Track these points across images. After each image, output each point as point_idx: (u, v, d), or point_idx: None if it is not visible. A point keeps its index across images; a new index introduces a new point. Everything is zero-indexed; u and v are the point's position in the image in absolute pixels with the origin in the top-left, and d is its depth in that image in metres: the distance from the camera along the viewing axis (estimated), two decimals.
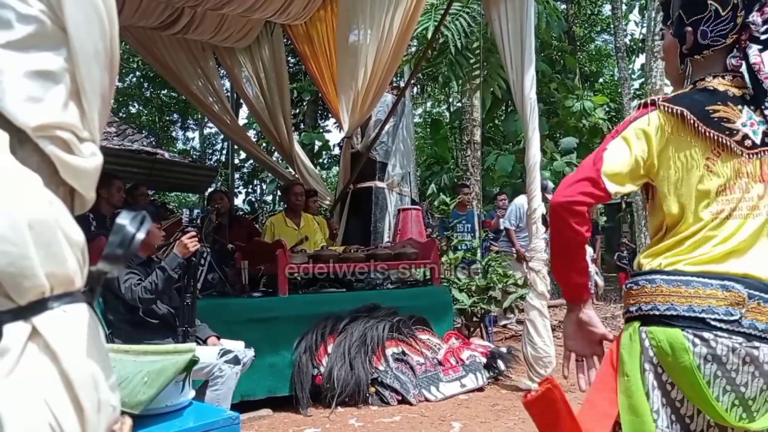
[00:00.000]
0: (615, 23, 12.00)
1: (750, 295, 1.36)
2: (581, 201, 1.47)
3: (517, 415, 4.29)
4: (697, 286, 1.39)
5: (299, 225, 5.78)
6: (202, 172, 12.37)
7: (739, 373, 1.35)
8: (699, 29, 1.49)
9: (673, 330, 1.38)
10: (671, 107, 1.46)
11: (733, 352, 1.35)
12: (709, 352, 1.35)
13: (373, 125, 7.30)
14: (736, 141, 1.43)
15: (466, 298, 6.13)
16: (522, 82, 5.06)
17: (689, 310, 1.38)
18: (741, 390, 1.35)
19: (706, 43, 1.49)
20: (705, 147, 1.44)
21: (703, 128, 1.43)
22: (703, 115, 1.44)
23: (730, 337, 1.35)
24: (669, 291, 1.41)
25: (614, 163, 1.47)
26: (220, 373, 3.43)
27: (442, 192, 11.94)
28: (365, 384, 4.53)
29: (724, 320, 1.36)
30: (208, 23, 6.52)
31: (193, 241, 3.52)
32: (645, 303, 1.44)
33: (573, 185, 1.49)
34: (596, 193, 1.46)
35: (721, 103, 1.45)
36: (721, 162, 1.44)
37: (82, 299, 0.85)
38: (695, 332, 1.37)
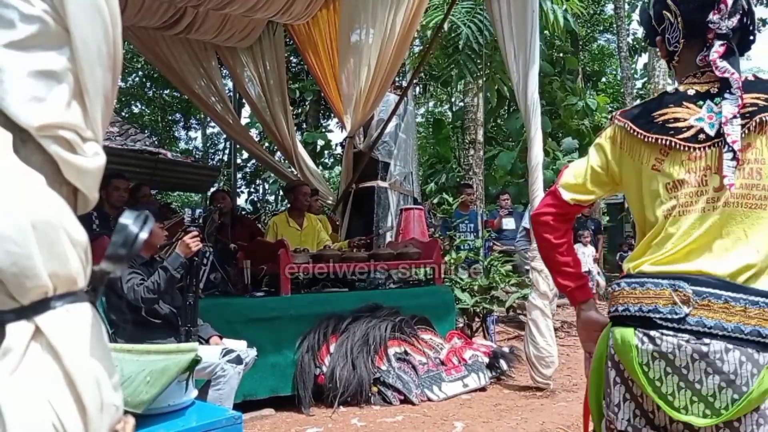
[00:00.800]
0: (618, 23, 11.98)
1: (697, 293, 1.39)
2: (544, 212, 1.72)
3: (519, 415, 4.28)
4: (649, 287, 1.46)
5: (302, 225, 5.78)
6: (205, 172, 12.37)
7: (691, 370, 1.38)
8: (664, 37, 1.61)
9: (627, 329, 1.46)
10: (620, 120, 1.60)
11: (680, 349, 1.38)
12: (655, 350, 1.41)
13: (375, 125, 7.29)
14: (682, 138, 1.48)
15: (469, 297, 6.13)
16: (525, 81, 5.06)
17: (639, 310, 1.46)
18: (696, 387, 1.37)
19: (672, 50, 1.60)
20: (652, 150, 1.52)
21: (643, 134, 1.53)
22: (645, 121, 1.54)
23: (676, 334, 1.39)
24: (627, 293, 1.50)
25: (570, 175, 1.71)
26: (222, 372, 3.43)
27: (444, 191, 11.94)
28: (368, 384, 4.53)
29: (668, 318, 1.40)
30: (211, 23, 6.52)
31: (195, 240, 3.53)
32: (612, 305, 1.55)
33: (543, 200, 1.77)
34: (556, 203, 1.71)
35: (674, 104, 1.52)
36: (668, 161, 1.50)
37: (85, 299, 0.85)
38: (643, 331, 1.43)
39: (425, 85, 14.15)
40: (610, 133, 1.64)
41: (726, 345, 1.36)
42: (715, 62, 1.47)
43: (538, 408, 4.47)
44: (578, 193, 1.68)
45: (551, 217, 1.71)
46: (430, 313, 5.40)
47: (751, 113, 1.44)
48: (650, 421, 1.44)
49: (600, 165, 1.65)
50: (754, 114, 1.44)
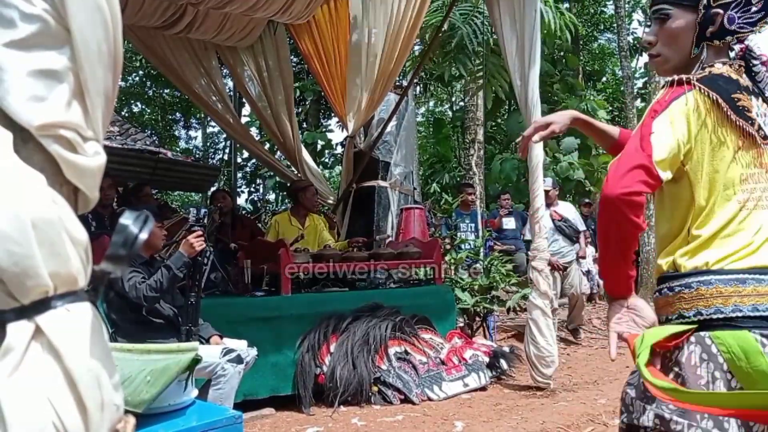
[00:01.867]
0: (618, 22, 11.96)
1: None
2: (640, 191, 1.37)
3: (519, 415, 4.28)
4: (753, 284, 1.34)
5: (304, 225, 5.77)
6: (205, 172, 12.38)
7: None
8: (727, 13, 1.45)
9: (742, 332, 1.31)
10: (707, 90, 1.41)
11: None
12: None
13: (375, 124, 7.29)
14: (755, 130, 1.42)
15: (469, 297, 6.13)
16: (525, 82, 5.06)
17: (753, 309, 1.32)
18: None
19: (732, 29, 1.46)
20: (734, 134, 1.41)
21: (734, 116, 1.40)
22: (731, 102, 1.40)
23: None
24: (728, 291, 1.34)
25: (663, 148, 1.39)
26: (222, 372, 3.43)
27: (445, 191, 11.94)
28: (368, 383, 4.53)
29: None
30: (211, 22, 6.51)
31: (199, 240, 3.53)
32: (704, 307, 1.37)
33: (627, 175, 1.38)
34: (651, 182, 1.38)
35: (740, 91, 1.43)
36: (744, 151, 1.42)
37: (86, 298, 0.85)
38: (762, 332, 1.31)
39: (425, 84, 14.14)
40: (692, 103, 1.41)
41: None
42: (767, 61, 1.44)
43: (539, 408, 4.47)
44: (665, 171, 1.40)
45: (644, 199, 1.39)
46: (431, 312, 5.40)
47: None
48: (749, 428, 1.33)
49: (684, 140, 1.40)
50: None
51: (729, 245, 1.38)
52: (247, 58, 7.49)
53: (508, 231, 8.37)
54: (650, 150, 1.38)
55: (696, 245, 1.42)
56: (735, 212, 1.40)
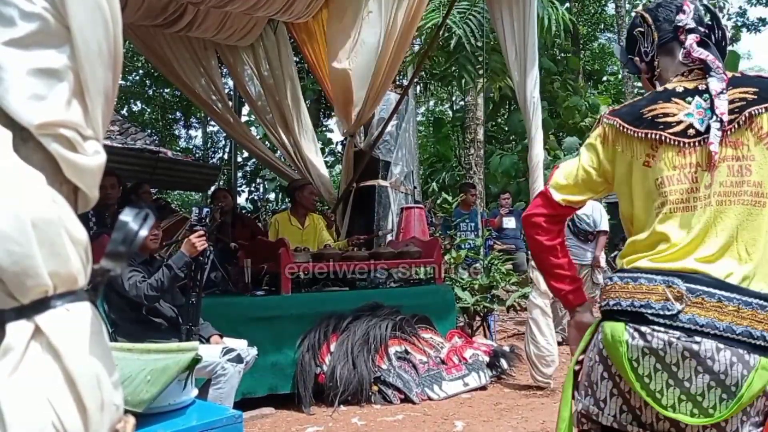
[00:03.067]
0: (619, 21, 11.97)
1: (691, 290, 1.38)
2: (535, 213, 1.69)
3: (519, 414, 4.28)
4: (642, 282, 1.44)
5: (304, 225, 5.77)
6: (205, 171, 12.37)
7: (680, 368, 1.36)
8: (641, 53, 1.66)
9: (618, 323, 1.44)
10: (609, 118, 1.59)
11: (670, 345, 1.37)
12: (646, 345, 1.39)
13: (375, 123, 7.28)
14: (672, 132, 1.47)
15: (469, 296, 6.13)
16: (525, 81, 5.05)
17: (631, 305, 1.44)
18: (685, 385, 1.36)
19: (650, 59, 1.65)
20: (644, 146, 1.52)
21: (633, 130, 1.53)
22: (635, 117, 1.54)
23: (667, 331, 1.37)
24: (619, 287, 1.48)
25: (561, 176, 1.67)
26: (222, 371, 3.42)
27: (444, 191, 11.94)
28: (368, 383, 4.53)
29: (660, 314, 1.39)
30: (211, 21, 6.51)
31: (201, 240, 3.52)
32: (603, 299, 1.53)
33: (533, 201, 1.74)
34: (547, 204, 1.67)
35: (663, 100, 1.52)
36: (659, 157, 1.49)
37: (86, 298, 0.85)
38: (634, 326, 1.42)
39: (426, 84, 14.14)
40: (600, 133, 1.62)
41: (717, 344, 1.35)
42: (693, 46, 1.52)
43: (539, 407, 4.47)
44: (569, 194, 1.65)
45: (543, 219, 1.67)
46: (431, 312, 5.40)
47: (740, 108, 1.44)
48: (637, 417, 1.43)
49: (591, 165, 1.63)
50: (743, 108, 1.44)
51: (646, 249, 1.50)
52: (248, 56, 7.48)
53: (508, 230, 8.36)
54: (551, 179, 1.70)
55: (626, 249, 1.58)
56: (653, 218, 1.50)
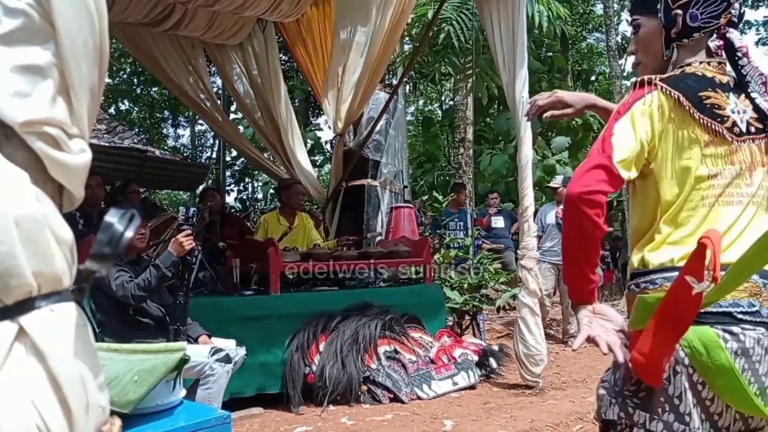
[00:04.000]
0: (607, 22, 12.03)
1: (765, 284, 1.36)
2: (599, 190, 1.40)
3: (508, 413, 4.29)
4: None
5: (293, 224, 5.75)
6: (194, 170, 12.33)
7: (762, 364, 1.34)
8: (688, 12, 1.48)
9: (704, 328, 1.33)
10: (669, 89, 1.44)
11: (758, 343, 1.33)
12: (739, 347, 1.32)
13: (365, 123, 7.27)
14: (726, 128, 1.44)
15: (458, 296, 6.13)
16: (514, 81, 5.06)
17: (716, 305, 1.33)
18: (762, 380, 1.34)
19: (697, 26, 1.49)
20: (700, 132, 1.43)
21: (697, 114, 1.42)
22: (697, 100, 1.43)
23: (755, 328, 1.34)
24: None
25: (623, 148, 1.42)
26: (211, 371, 3.41)
27: (434, 190, 11.95)
28: (357, 382, 4.52)
29: (747, 312, 1.34)
30: (200, 20, 6.47)
31: (189, 239, 3.51)
32: None
33: (586, 174, 1.42)
34: (611, 181, 1.41)
35: (711, 89, 1.46)
36: (713, 148, 1.44)
37: (71, 298, 0.84)
38: (724, 327, 1.33)
39: (415, 83, 14.15)
40: (656, 102, 1.45)
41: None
42: (748, 51, 1.45)
43: (528, 406, 4.48)
44: (629, 170, 1.43)
45: (606, 198, 1.41)
46: (420, 311, 5.40)
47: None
48: (714, 423, 1.37)
49: (647, 139, 1.44)
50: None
51: (693, 241, 1.37)
52: (236, 55, 7.45)
53: (497, 230, 8.39)
54: (610, 151, 1.41)
55: (661, 241, 1.45)
56: (700, 209, 1.43)
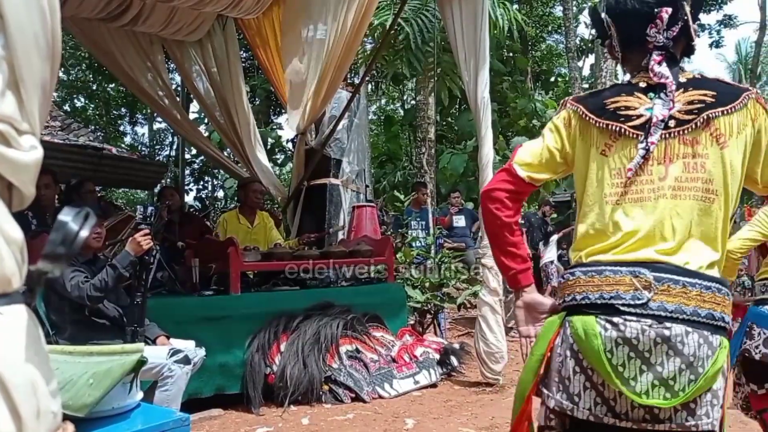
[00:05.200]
0: (566, 24, 12.22)
1: (658, 279, 1.43)
2: (498, 188, 1.67)
3: (469, 411, 4.33)
4: (608, 274, 1.47)
5: (253, 223, 5.70)
6: (152, 168, 12.12)
7: (653, 354, 1.41)
8: (612, 43, 1.68)
9: (588, 317, 1.47)
10: (573, 104, 1.64)
11: (643, 333, 1.41)
12: (620, 336, 1.42)
13: (327, 121, 7.25)
14: (632, 125, 1.53)
15: (420, 294, 6.16)
16: (476, 81, 5.11)
17: (600, 297, 1.47)
18: (657, 370, 1.41)
19: (616, 55, 1.69)
20: (603, 135, 1.57)
21: (594, 120, 1.57)
22: (598, 107, 1.59)
23: (639, 320, 1.42)
24: (585, 281, 1.51)
25: (525, 154, 1.68)
26: (169, 373, 3.35)
27: (396, 189, 11.99)
28: (318, 382, 4.51)
29: (631, 304, 1.43)
30: (157, 15, 6.35)
31: (146, 239, 3.44)
32: (568, 294, 1.55)
33: (495, 176, 1.73)
34: (511, 180, 1.67)
35: (626, 93, 1.58)
36: (617, 147, 1.55)
37: (21, 300, 0.81)
38: (606, 318, 1.44)
39: (377, 82, 14.17)
40: (564, 116, 1.65)
41: (686, 328, 1.41)
42: (653, 69, 1.55)
43: (488, 403, 4.52)
44: (534, 171, 1.67)
45: (505, 194, 1.66)
46: (382, 310, 5.41)
47: (699, 110, 1.51)
48: (611, 408, 1.46)
49: (555, 146, 1.65)
50: (702, 110, 1.51)
51: (603, 239, 1.53)
52: (196, 52, 7.34)
53: (458, 229, 8.45)
54: (513, 156, 1.70)
55: (579, 241, 1.60)
56: (608, 206, 1.54)
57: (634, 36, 1.59)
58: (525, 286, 1.69)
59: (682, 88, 1.55)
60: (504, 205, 1.66)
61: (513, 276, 1.70)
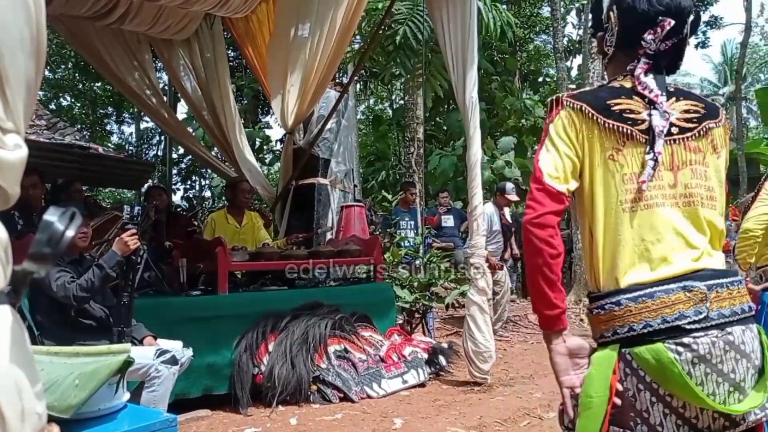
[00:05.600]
0: (554, 24, 12.27)
1: (709, 287, 1.42)
2: (548, 211, 1.48)
3: (457, 410, 4.34)
4: (661, 296, 1.41)
5: (241, 223, 5.68)
6: (139, 168, 12.04)
7: (725, 363, 1.40)
8: (605, 36, 1.63)
9: (655, 345, 1.40)
10: (573, 102, 1.53)
11: (714, 346, 1.39)
12: (694, 356, 1.38)
13: (315, 121, 7.23)
14: (640, 130, 1.49)
15: (408, 294, 6.16)
16: (464, 81, 5.12)
17: (663, 321, 1.40)
18: (731, 377, 1.40)
19: (605, 50, 1.64)
20: (610, 138, 1.49)
21: (602, 120, 1.49)
22: (603, 107, 1.51)
23: (706, 333, 1.39)
24: (637, 309, 1.42)
25: (550, 167, 1.51)
26: (156, 373, 3.33)
27: (384, 189, 11.99)
28: (307, 382, 4.50)
29: (695, 320, 1.39)
30: (145, 14, 6.30)
31: (133, 239, 3.43)
32: (619, 326, 1.44)
33: (530, 203, 1.51)
34: (555, 200, 1.49)
35: (626, 96, 1.53)
36: (627, 151, 1.49)
37: (5, 300, 0.80)
38: (675, 341, 1.39)
39: (366, 82, 14.16)
40: (566, 119, 1.53)
41: (741, 328, 1.43)
42: (639, 77, 1.52)
43: (476, 402, 4.53)
44: (566, 183, 1.51)
45: (557, 218, 1.48)
46: (370, 310, 5.40)
47: (699, 119, 1.53)
48: (693, 426, 1.42)
49: (568, 153, 1.52)
50: (701, 120, 1.53)
51: (628, 256, 1.46)
52: (183, 52, 7.31)
53: (446, 228, 8.46)
54: (540, 174, 1.50)
55: (602, 257, 1.50)
56: (621, 214, 1.48)
57: (631, 36, 1.55)
58: (564, 328, 1.51)
59: (674, 96, 1.54)
60: (557, 233, 1.48)
61: (556, 316, 1.49)
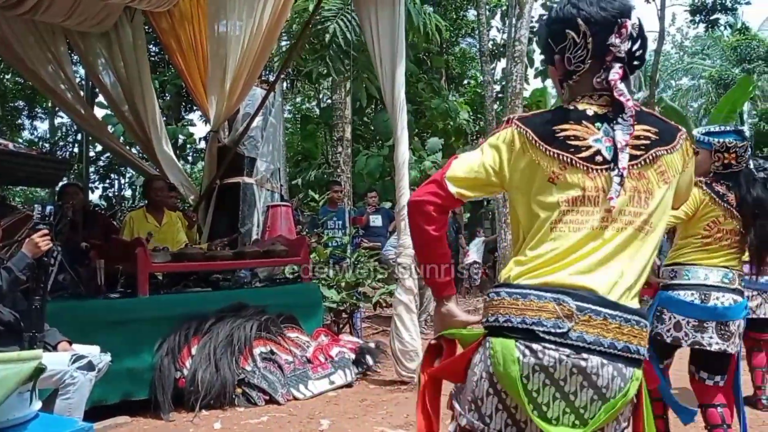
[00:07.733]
0: (480, 28, 12.52)
1: (580, 308, 1.42)
2: (426, 200, 1.61)
3: (385, 410, 4.36)
4: (532, 299, 1.45)
5: (161, 222, 5.52)
6: (52, 165, 11.55)
7: (567, 383, 1.42)
8: (564, 56, 1.57)
9: (509, 341, 1.45)
10: (521, 126, 1.56)
11: (560, 363, 1.41)
12: (537, 363, 1.42)
13: (241, 119, 7.11)
14: (581, 157, 1.50)
15: (335, 294, 6.15)
16: (392, 81, 5.15)
17: (522, 321, 1.45)
18: (570, 398, 1.42)
19: (572, 69, 1.57)
20: (551, 162, 1.51)
21: (544, 147, 1.52)
22: (547, 133, 1.53)
23: (558, 348, 1.41)
24: (509, 303, 1.48)
25: (459, 169, 1.61)
26: (71, 380, 3.19)
27: (311, 188, 11.93)
28: (231, 385, 4.42)
29: (551, 332, 1.42)
30: (60, 5, 6.00)
31: (45, 239, 3.27)
32: (491, 314, 1.52)
33: (422, 187, 1.65)
34: (440, 193, 1.61)
35: (574, 121, 1.53)
36: (566, 177, 1.50)
37: None
38: (526, 343, 1.43)
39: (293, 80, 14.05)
40: (508, 137, 1.57)
41: (602, 360, 1.41)
42: (616, 84, 1.50)
43: (403, 401, 4.57)
44: (465, 188, 1.61)
45: (433, 208, 1.61)
46: (297, 311, 5.36)
47: (646, 146, 1.52)
48: (521, 430, 1.46)
49: (493, 166, 1.59)
50: (649, 148, 1.52)
51: (534, 262, 1.51)
52: (101, 45, 7.03)
53: (375, 228, 8.50)
54: (446, 169, 1.63)
55: (514, 261, 1.57)
56: (546, 232, 1.51)
57: (600, 45, 1.52)
58: (448, 296, 1.72)
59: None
60: (432, 219, 1.62)
61: (442, 285, 1.71)
